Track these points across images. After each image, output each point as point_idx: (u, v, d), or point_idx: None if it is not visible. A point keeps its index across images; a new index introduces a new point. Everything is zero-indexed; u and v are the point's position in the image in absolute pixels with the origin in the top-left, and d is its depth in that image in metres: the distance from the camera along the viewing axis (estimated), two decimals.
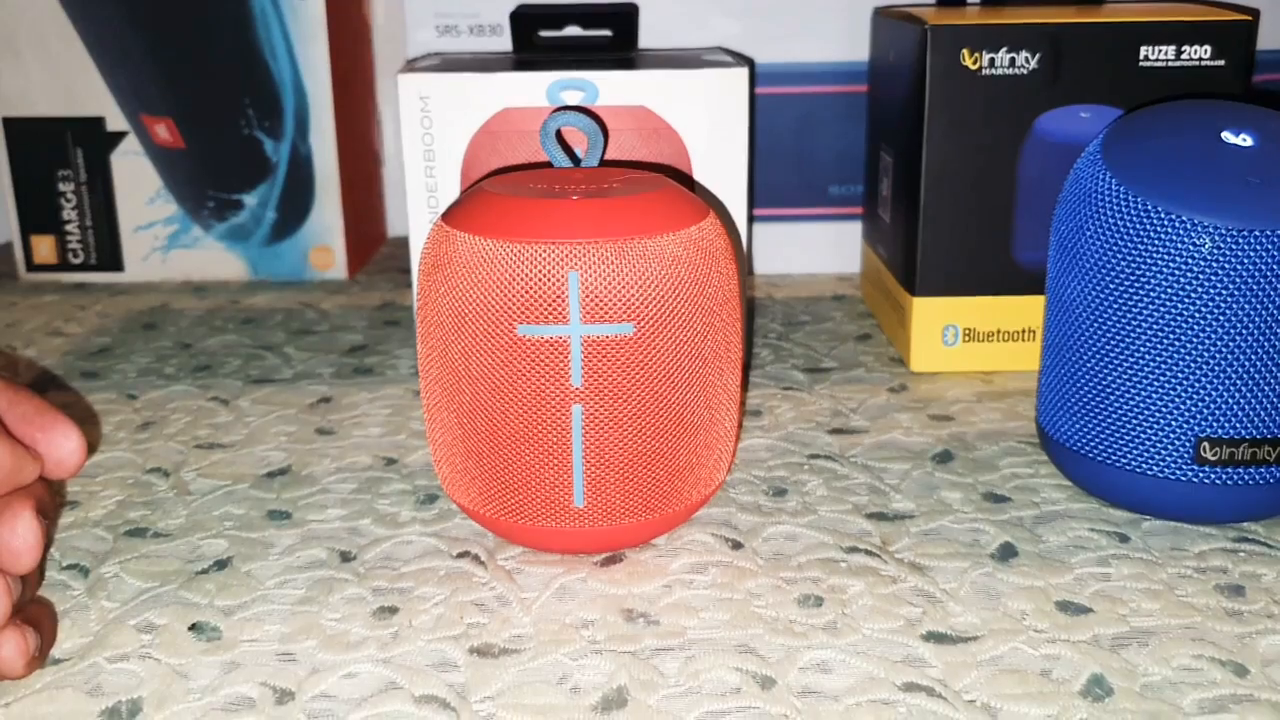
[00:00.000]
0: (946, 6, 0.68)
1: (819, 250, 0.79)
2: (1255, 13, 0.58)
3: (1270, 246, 0.41)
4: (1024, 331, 0.61)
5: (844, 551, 0.43)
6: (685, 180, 0.58)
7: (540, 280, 0.39)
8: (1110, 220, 0.43)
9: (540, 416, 0.40)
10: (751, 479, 0.49)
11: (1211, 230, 0.41)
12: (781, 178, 0.77)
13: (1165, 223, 0.42)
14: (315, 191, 0.77)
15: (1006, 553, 0.43)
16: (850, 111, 0.76)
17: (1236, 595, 0.40)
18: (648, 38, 0.75)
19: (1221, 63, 0.57)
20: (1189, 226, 0.41)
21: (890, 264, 0.65)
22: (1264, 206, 0.41)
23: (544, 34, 0.64)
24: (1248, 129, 0.44)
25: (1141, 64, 0.57)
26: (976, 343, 0.61)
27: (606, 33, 0.67)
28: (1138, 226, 0.42)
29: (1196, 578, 0.41)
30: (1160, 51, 0.57)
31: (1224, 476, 0.43)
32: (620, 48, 0.65)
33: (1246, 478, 0.43)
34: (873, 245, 0.71)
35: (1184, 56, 0.57)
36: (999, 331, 0.61)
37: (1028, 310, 0.60)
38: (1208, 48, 0.57)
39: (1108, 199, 0.43)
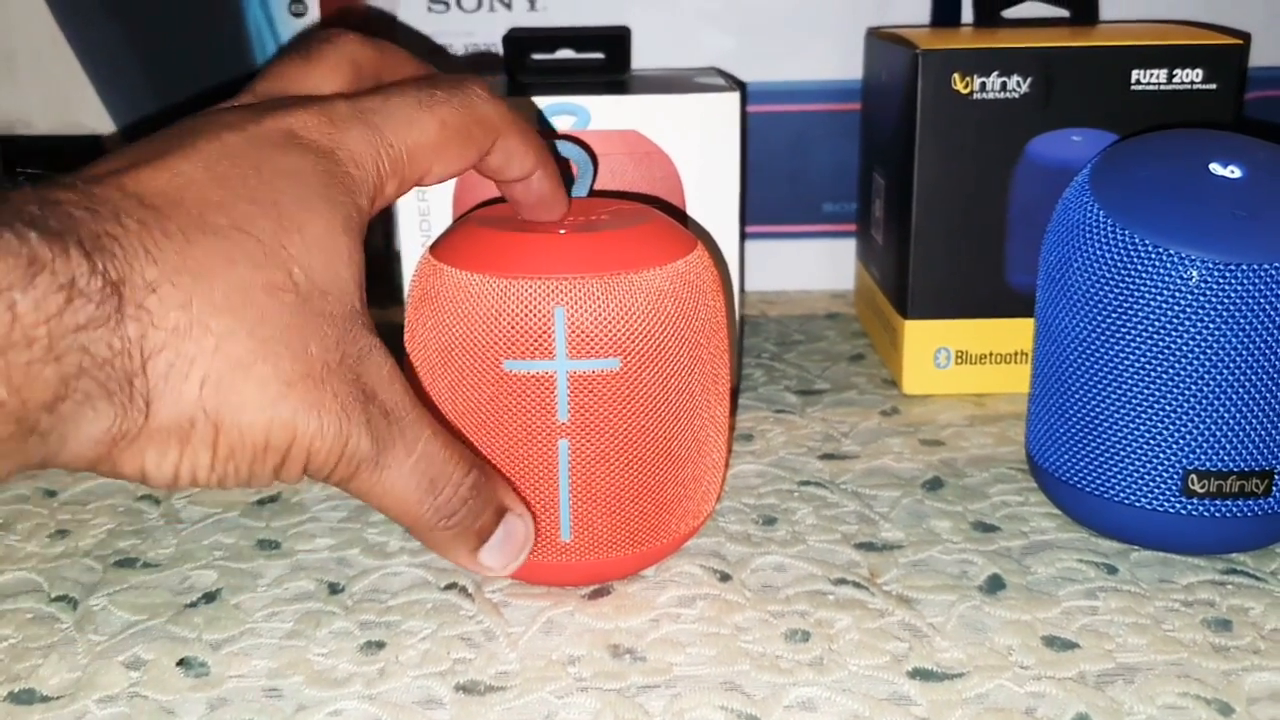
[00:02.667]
0: (939, 28, 0.68)
1: (813, 268, 0.79)
2: (1246, 36, 0.58)
3: (1257, 279, 0.41)
4: (1016, 354, 0.60)
5: (832, 583, 0.43)
6: (674, 209, 0.58)
7: (526, 315, 0.39)
8: (1097, 252, 0.43)
9: (526, 451, 0.40)
10: (741, 507, 0.49)
11: (1198, 263, 0.41)
12: (775, 195, 0.77)
13: (1152, 255, 0.42)
14: None
15: (994, 585, 0.43)
16: (844, 129, 0.76)
17: (1223, 630, 0.40)
18: (641, 55, 0.75)
19: (1213, 86, 0.57)
20: (1176, 259, 0.41)
21: (883, 285, 0.65)
22: (1251, 239, 0.41)
23: (536, 57, 0.64)
24: (1236, 161, 0.44)
25: (1133, 87, 0.57)
26: (969, 365, 0.61)
27: (599, 56, 0.67)
28: (1125, 258, 0.42)
29: (1184, 611, 0.41)
30: (1152, 75, 0.57)
31: (1212, 509, 0.43)
32: (613, 71, 0.65)
33: (1234, 510, 0.43)
34: (866, 265, 0.71)
35: (1176, 80, 0.57)
36: (991, 354, 0.61)
37: (1020, 333, 0.60)
38: (1199, 71, 0.57)
39: (1095, 230, 0.43)
